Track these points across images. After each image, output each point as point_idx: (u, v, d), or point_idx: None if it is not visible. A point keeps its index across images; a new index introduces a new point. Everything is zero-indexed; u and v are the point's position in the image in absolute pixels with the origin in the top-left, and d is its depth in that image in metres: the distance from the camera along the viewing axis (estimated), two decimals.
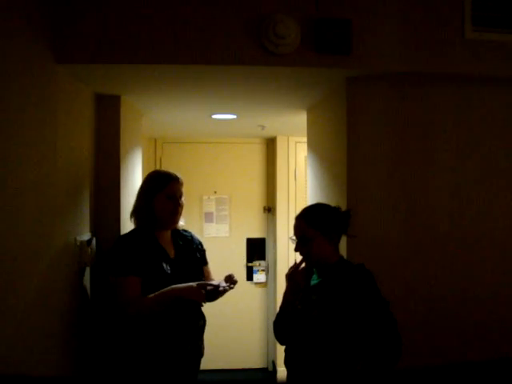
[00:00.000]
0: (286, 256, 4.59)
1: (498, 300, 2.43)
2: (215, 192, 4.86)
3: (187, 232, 2.59)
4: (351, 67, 2.20)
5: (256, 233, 4.91)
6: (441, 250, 2.40)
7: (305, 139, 3.34)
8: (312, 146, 3.16)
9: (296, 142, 4.64)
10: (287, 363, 2.05)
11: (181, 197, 2.42)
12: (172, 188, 2.38)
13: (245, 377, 4.73)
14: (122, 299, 2.21)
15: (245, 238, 4.89)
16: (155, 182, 2.39)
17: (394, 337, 1.84)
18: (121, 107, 2.70)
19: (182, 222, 2.49)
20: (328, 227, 1.96)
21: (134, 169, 3.09)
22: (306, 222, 1.97)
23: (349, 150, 2.34)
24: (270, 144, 4.86)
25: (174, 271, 2.34)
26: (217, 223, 4.87)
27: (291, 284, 2.00)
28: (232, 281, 2.38)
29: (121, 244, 2.35)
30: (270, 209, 4.86)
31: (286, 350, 2.07)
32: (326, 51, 2.13)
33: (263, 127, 3.97)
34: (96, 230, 2.60)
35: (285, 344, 2.08)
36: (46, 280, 1.98)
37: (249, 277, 4.85)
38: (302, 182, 4.50)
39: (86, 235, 2.43)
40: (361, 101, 2.35)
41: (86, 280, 2.49)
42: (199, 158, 4.81)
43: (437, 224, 2.40)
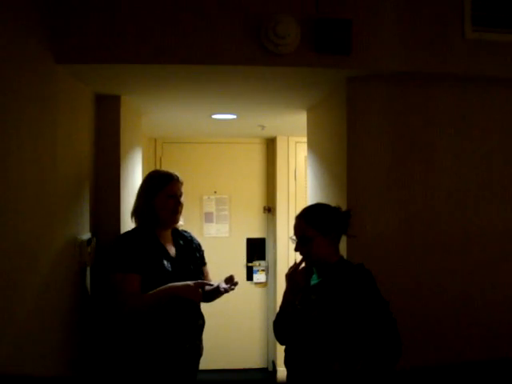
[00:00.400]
0: (286, 256, 4.58)
1: (498, 300, 2.43)
2: (215, 192, 4.86)
3: (187, 232, 2.60)
4: (351, 67, 2.20)
5: (256, 233, 4.91)
6: (441, 250, 2.40)
7: (305, 139, 3.34)
8: (312, 146, 3.16)
9: (296, 142, 4.64)
10: (287, 363, 2.05)
11: (181, 196, 2.43)
12: (172, 187, 2.40)
13: (245, 377, 4.73)
14: (121, 296, 2.21)
15: (245, 238, 4.89)
16: (156, 182, 2.40)
17: (394, 337, 1.84)
18: (121, 107, 2.70)
19: (181, 222, 2.50)
20: (328, 227, 1.96)
21: (134, 169, 3.09)
22: (306, 222, 1.97)
23: (349, 150, 2.34)
24: (270, 144, 4.86)
25: (175, 269, 2.35)
26: (217, 223, 4.87)
27: (291, 284, 2.00)
28: (233, 282, 2.38)
29: (121, 241, 2.36)
30: (270, 209, 4.86)
31: (286, 350, 2.06)
32: (326, 51, 2.13)
33: (263, 127, 3.97)
34: (96, 230, 2.60)
35: (285, 344, 2.08)
36: (46, 280, 1.98)
37: (249, 277, 4.85)
38: (302, 182, 4.49)
39: (86, 235, 2.43)
40: (361, 101, 2.35)
41: (87, 280, 2.49)
42: (199, 158, 4.81)
43: (437, 224, 2.40)
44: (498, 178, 2.45)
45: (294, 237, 2.00)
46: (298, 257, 2.01)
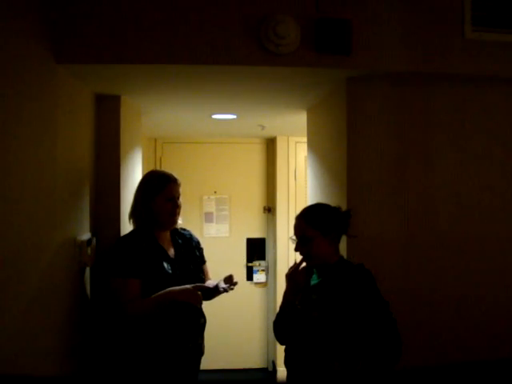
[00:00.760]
0: (286, 256, 4.58)
1: (498, 300, 2.43)
2: (215, 192, 4.86)
3: (186, 231, 2.59)
4: (351, 67, 2.19)
5: (256, 233, 4.91)
6: (441, 250, 2.40)
7: (305, 139, 3.34)
8: (312, 146, 3.16)
9: (296, 142, 4.64)
10: (287, 363, 2.05)
11: (179, 198, 2.42)
12: (170, 190, 2.38)
13: (245, 377, 4.73)
14: (121, 301, 2.22)
15: (245, 238, 4.89)
16: (153, 185, 2.39)
17: (394, 337, 1.84)
18: (121, 107, 2.70)
19: (180, 221, 2.50)
20: (328, 227, 1.96)
21: (134, 169, 3.09)
22: (306, 222, 1.97)
23: (349, 150, 2.34)
24: (270, 144, 4.86)
25: (175, 270, 2.35)
26: (217, 223, 4.87)
27: (291, 284, 2.00)
28: (232, 282, 2.38)
29: (121, 245, 2.35)
30: (270, 209, 4.86)
31: (286, 350, 2.07)
32: (326, 51, 2.13)
33: (263, 127, 3.97)
34: (96, 230, 2.59)
35: (285, 344, 2.08)
36: (46, 280, 1.98)
37: (249, 277, 4.85)
38: (302, 182, 4.50)
39: (86, 235, 2.43)
40: (361, 101, 2.35)
41: (86, 280, 2.49)
42: (199, 158, 4.81)
43: (437, 224, 2.40)
44: (499, 178, 2.45)
45: (294, 237, 2.00)
46: (298, 257, 2.01)
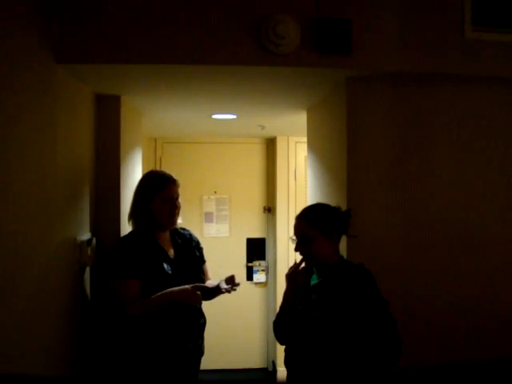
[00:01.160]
0: (286, 256, 4.58)
1: (499, 300, 2.43)
2: (215, 192, 4.85)
3: (186, 230, 2.59)
4: (351, 67, 2.19)
5: (256, 233, 4.91)
6: (440, 250, 2.39)
7: (305, 139, 3.34)
8: (312, 146, 3.16)
9: (296, 142, 4.64)
10: (287, 363, 2.05)
11: (177, 198, 2.42)
12: (168, 191, 2.38)
13: (245, 377, 4.72)
14: (121, 302, 2.22)
15: (245, 238, 4.89)
16: (151, 186, 2.38)
17: (394, 337, 1.84)
18: (121, 107, 2.70)
19: (180, 221, 2.49)
20: (328, 227, 1.96)
21: (134, 169, 3.09)
22: (306, 222, 1.97)
23: (349, 150, 2.34)
24: (270, 144, 4.86)
25: (175, 271, 2.34)
26: (217, 223, 4.87)
27: (291, 284, 2.00)
28: (234, 283, 2.37)
29: (120, 246, 2.35)
30: (270, 209, 4.86)
31: (286, 350, 2.06)
32: (326, 51, 2.13)
33: (263, 127, 3.97)
34: (96, 230, 2.59)
35: (285, 344, 2.08)
36: (46, 280, 1.98)
37: (249, 277, 4.85)
38: (302, 182, 4.49)
39: (86, 235, 2.43)
40: (361, 101, 2.35)
41: (86, 280, 2.49)
42: (199, 158, 4.81)
43: (437, 224, 2.40)
44: (499, 178, 2.45)
45: (294, 237, 2.00)
46: (298, 257, 2.01)
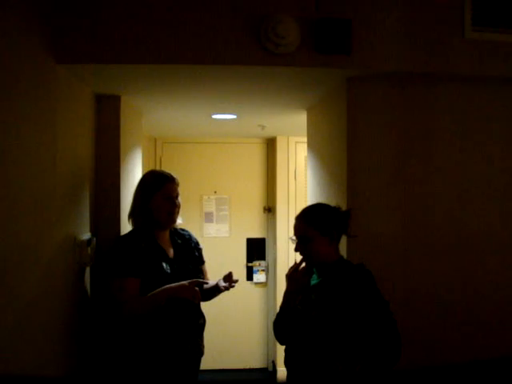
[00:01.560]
0: (286, 256, 4.58)
1: (499, 300, 2.43)
2: (215, 192, 4.85)
3: (185, 231, 2.59)
4: (351, 67, 2.19)
5: (256, 233, 4.91)
6: (441, 250, 2.39)
7: (305, 139, 3.34)
8: (312, 146, 3.16)
9: (296, 142, 4.64)
10: (287, 363, 2.05)
11: (177, 197, 2.43)
12: (168, 189, 2.39)
13: (245, 377, 4.72)
14: (120, 300, 2.22)
15: (245, 238, 4.89)
16: (151, 184, 2.39)
17: (394, 337, 1.84)
18: (121, 107, 2.70)
19: (180, 221, 2.50)
20: (328, 227, 1.96)
21: (134, 169, 3.09)
22: (306, 222, 1.97)
23: (349, 150, 2.34)
24: (270, 144, 4.86)
25: (174, 271, 2.34)
26: (217, 223, 4.87)
27: (291, 284, 2.00)
28: (232, 280, 2.38)
29: (120, 245, 2.35)
30: (270, 209, 4.86)
31: (286, 350, 2.06)
32: (326, 51, 2.13)
33: (263, 127, 3.97)
34: (96, 230, 2.60)
35: (285, 344, 2.08)
36: (46, 280, 1.98)
37: (249, 277, 4.85)
38: (302, 182, 4.50)
39: (86, 235, 2.43)
40: (361, 101, 2.35)
41: (86, 280, 2.49)
42: (199, 158, 4.81)
43: (437, 224, 2.40)
44: (499, 178, 2.45)
45: (294, 237, 2.00)
46: (298, 257, 2.01)
